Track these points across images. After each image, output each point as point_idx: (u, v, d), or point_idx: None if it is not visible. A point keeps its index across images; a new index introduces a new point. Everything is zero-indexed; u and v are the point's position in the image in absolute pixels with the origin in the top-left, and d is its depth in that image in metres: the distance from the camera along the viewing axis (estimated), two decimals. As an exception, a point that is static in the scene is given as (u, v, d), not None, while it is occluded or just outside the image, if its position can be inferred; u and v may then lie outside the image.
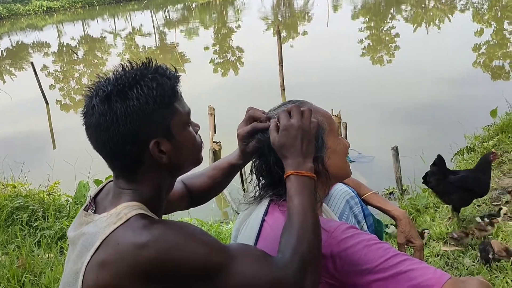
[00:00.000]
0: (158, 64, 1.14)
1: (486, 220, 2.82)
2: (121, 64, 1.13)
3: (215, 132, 6.24)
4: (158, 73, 1.11)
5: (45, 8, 31.30)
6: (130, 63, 1.13)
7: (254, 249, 1.13)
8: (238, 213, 1.49)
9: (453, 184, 2.85)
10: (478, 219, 2.85)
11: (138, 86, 1.07)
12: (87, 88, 1.12)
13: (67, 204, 4.15)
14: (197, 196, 1.51)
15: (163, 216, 1.23)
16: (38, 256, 3.19)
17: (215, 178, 1.49)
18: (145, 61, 1.13)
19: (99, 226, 1.06)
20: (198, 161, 1.22)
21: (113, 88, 1.07)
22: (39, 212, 3.78)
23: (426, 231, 2.88)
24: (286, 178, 1.17)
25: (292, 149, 1.17)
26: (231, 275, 1.03)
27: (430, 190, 3.08)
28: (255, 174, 1.34)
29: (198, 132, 1.22)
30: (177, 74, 1.15)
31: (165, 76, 1.11)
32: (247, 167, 1.41)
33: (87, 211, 1.14)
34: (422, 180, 2.98)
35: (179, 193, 1.47)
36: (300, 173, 1.15)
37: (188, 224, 1.08)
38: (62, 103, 11.67)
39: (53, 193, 4.51)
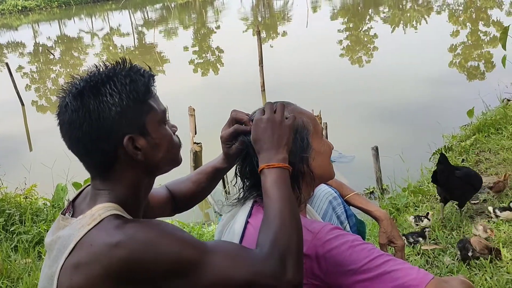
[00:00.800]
0: (132, 63, 1.13)
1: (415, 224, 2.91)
2: (95, 64, 1.12)
3: (195, 133, 6.20)
4: (132, 71, 1.11)
5: (20, 8, 30.67)
6: (105, 63, 1.12)
7: (231, 244, 1.12)
8: (221, 215, 1.47)
9: (461, 179, 2.90)
10: (411, 219, 2.95)
11: (111, 82, 1.07)
12: (61, 89, 1.12)
13: (44, 207, 4.07)
14: (181, 201, 1.49)
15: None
16: (15, 261, 3.12)
17: (200, 183, 1.47)
18: (120, 61, 1.13)
19: (73, 228, 1.04)
20: (176, 161, 1.20)
21: (85, 84, 1.07)
22: (15, 216, 3.69)
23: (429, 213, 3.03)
24: (260, 174, 1.16)
25: (262, 142, 1.18)
26: (208, 270, 1.01)
27: (437, 189, 3.11)
28: (240, 176, 1.33)
29: (176, 133, 1.21)
30: (152, 73, 1.15)
31: (139, 73, 1.11)
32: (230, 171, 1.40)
33: (65, 214, 1.12)
34: (431, 180, 3.02)
35: (163, 198, 1.45)
36: (272, 165, 1.15)
37: (161, 222, 1.07)
38: (38, 104, 11.46)
39: (30, 197, 4.41)
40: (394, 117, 7.44)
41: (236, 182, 1.35)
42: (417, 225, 3.02)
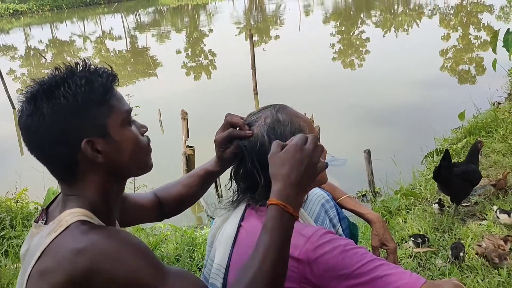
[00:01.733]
0: (90, 64, 1.10)
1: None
2: (55, 67, 1.09)
3: (188, 137, 6.18)
4: (89, 71, 1.08)
5: (11, 11, 30.50)
6: (65, 64, 1.10)
7: (195, 278, 1.07)
8: (213, 218, 1.47)
9: (459, 176, 2.92)
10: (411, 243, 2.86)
11: (66, 84, 1.04)
12: (20, 94, 1.09)
13: (35, 212, 4.04)
14: (171, 206, 1.47)
15: (133, 226, 1.19)
16: (6, 266, 3.09)
17: (191, 186, 1.45)
18: (79, 62, 1.10)
19: (42, 236, 1.02)
20: (145, 165, 1.16)
21: (39, 87, 1.05)
22: (6, 220, 3.66)
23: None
24: (269, 205, 1.04)
25: (289, 172, 1.04)
26: None
27: (438, 186, 3.12)
28: (234, 179, 1.33)
29: (146, 135, 1.18)
30: (113, 73, 1.11)
31: (96, 74, 1.08)
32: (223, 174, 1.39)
33: (37, 222, 1.10)
34: (433, 176, 3.02)
35: (148, 203, 1.43)
36: (288, 208, 1.03)
37: (130, 235, 1.03)
38: (30, 108, 11.36)
39: (21, 201, 4.37)
40: (386, 120, 7.47)
41: (231, 186, 1.34)
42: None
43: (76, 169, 1.07)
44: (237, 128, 1.31)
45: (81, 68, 1.09)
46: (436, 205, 3.20)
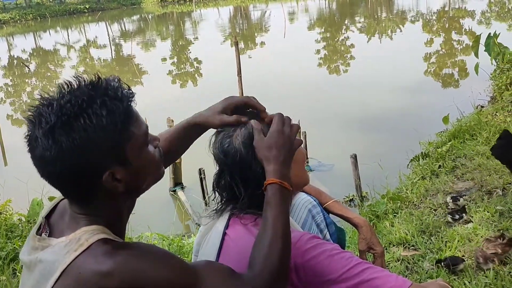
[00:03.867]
0: (108, 83, 1.02)
1: None
2: (66, 82, 1.01)
3: (174, 145, 6.16)
4: (108, 96, 0.99)
5: (-6, 20, 30.21)
6: (78, 79, 1.01)
7: (221, 266, 1.10)
8: (200, 226, 1.46)
9: None
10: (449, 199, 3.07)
11: (85, 116, 0.96)
12: (29, 112, 1.01)
13: (19, 223, 3.98)
14: None
15: None
16: (-11, 279, 3.03)
17: (171, 140, 1.36)
18: (94, 79, 1.02)
19: (58, 253, 0.98)
20: (159, 177, 1.15)
21: (56, 119, 0.96)
22: (-11, 233, 3.59)
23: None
24: (267, 185, 1.16)
25: (277, 153, 1.17)
26: None
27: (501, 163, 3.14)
28: (217, 190, 1.32)
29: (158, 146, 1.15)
30: (130, 92, 1.05)
31: (116, 98, 1.00)
32: (210, 178, 1.38)
33: (41, 234, 1.06)
34: (491, 153, 3.03)
35: None
36: (284, 184, 1.16)
37: (152, 246, 1.04)
38: (14, 118, 11.22)
39: (4, 212, 4.30)
40: (372, 125, 7.52)
41: (215, 196, 1.34)
42: (456, 204, 3.19)
43: (93, 196, 1.03)
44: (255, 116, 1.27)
45: (98, 91, 1.00)
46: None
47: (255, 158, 1.20)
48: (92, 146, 0.97)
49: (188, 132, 1.36)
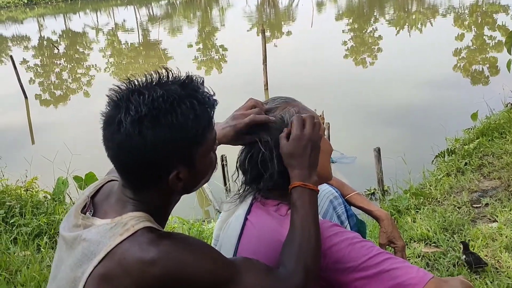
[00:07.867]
0: (197, 84, 1.05)
1: None
2: (157, 73, 1.03)
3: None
4: (197, 99, 1.02)
5: (25, 1, 30.70)
6: (167, 72, 1.04)
7: (258, 263, 1.11)
8: (220, 212, 1.46)
9: None
10: None
11: (174, 114, 0.99)
12: (113, 93, 1.02)
13: (45, 200, 4.07)
14: None
15: None
16: (14, 253, 3.11)
17: None
18: (182, 76, 1.04)
19: (103, 235, 1.01)
20: (209, 179, 1.17)
21: (148, 111, 0.98)
22: (16, 208, 3.69)
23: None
24: (292, 189, 1.17)
25: (300, 160, 1.18)
26: None
27: None
28: (240, 169, 1.31)
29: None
30: (215, 99, 1.07)
31: (204, 104, 1.03)
32: (232, 166, 1.38)
33: (85, 213, 1.08)
34: None
35: None
36: (308, 186, 1.16)
37: (194, 239, 1.06)
38: (42, 98, 11.46)
39: (31, 189, 4.40)
40: (397, 119, 7.42)
41: (238, 177, 1.33)
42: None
43: (153, 186, 1.06)
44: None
45: (189, 91, 1.02)
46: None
47: None
48: (172, 144, 1.00)
49: None
